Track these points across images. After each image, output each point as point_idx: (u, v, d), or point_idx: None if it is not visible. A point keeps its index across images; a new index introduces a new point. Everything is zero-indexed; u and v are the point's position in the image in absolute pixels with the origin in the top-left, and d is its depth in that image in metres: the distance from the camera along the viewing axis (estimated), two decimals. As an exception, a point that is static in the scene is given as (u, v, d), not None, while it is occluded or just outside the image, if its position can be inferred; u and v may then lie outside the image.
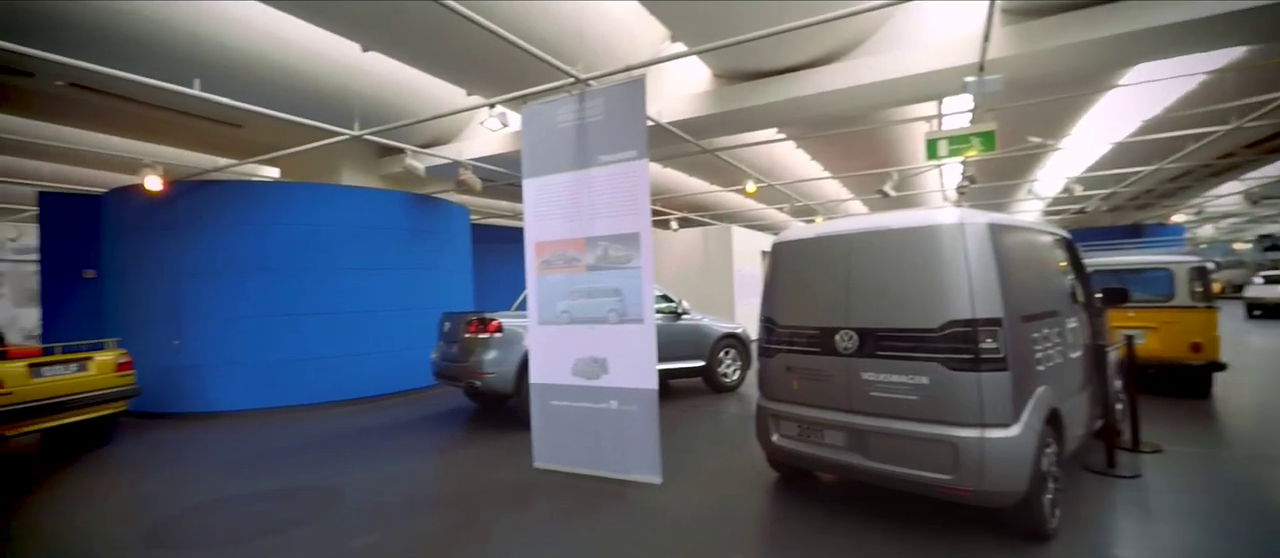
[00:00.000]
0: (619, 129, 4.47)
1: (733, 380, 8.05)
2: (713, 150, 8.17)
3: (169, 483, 5.02)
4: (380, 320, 8.47)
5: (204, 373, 7.61)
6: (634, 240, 4.40)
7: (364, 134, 6.27)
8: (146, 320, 7.61)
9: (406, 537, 3.65)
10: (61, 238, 8.35)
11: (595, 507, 4.04)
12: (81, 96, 6.30)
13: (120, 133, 7.89)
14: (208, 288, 7.61)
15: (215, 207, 7.71)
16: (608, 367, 4.54)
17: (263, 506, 4.33)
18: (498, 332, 6.29)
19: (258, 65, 5.75)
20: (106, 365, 6.10)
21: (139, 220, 7.75)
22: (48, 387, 5.58)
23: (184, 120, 7.25)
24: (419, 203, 9.15)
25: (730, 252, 14.58)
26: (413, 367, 8.49)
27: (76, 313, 8.25)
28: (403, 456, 5.59)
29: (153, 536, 3.79)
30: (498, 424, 6.59)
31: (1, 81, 5.97)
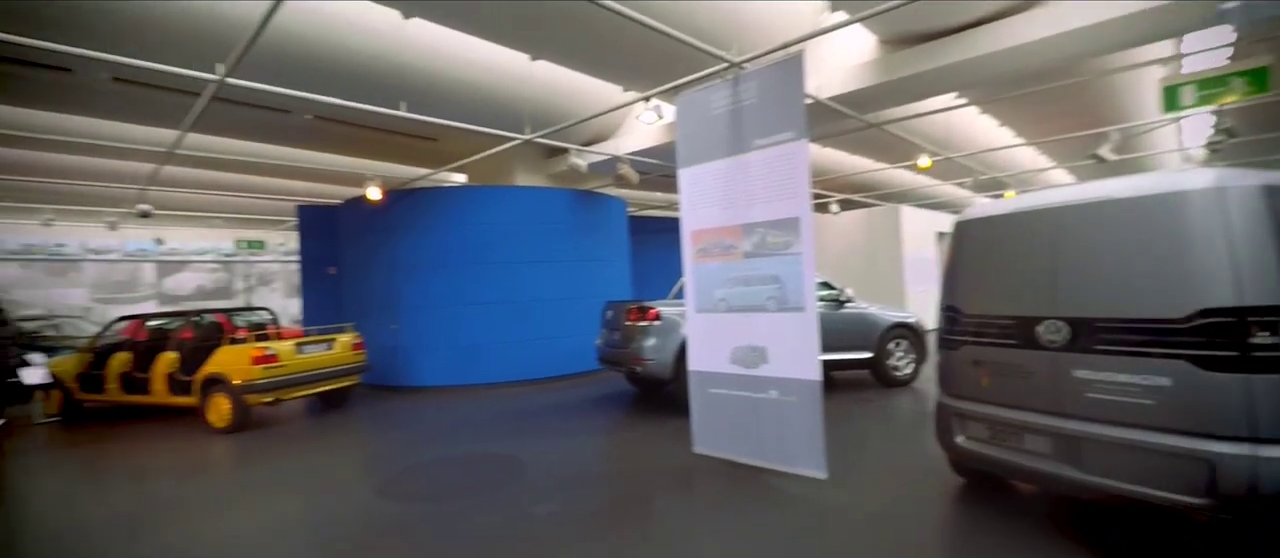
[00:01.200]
0: (775, 110, 4.31)
1: (905, 374, 7.40)
2: (879, 124, 7.54)
3: (391, 445, 5.99)
4: (550, 309, 9.20)
5: (413, 353, 8.92)
6: (793, 225, 4.23)
7: (534, 137, 6.83)
8: (371, 309, 9.12)
9: (580, 508, 3.94)
10: (313, 241, 10.35)
11: (756, 497, 3.99)
12: (325, 126, 7.71)
13: (351, 153, 9.53)
14: (414, 281, 8.90)
15: (417, 211, 8.97)
16: (767, 356, 4.44)
17: (461, 469, 4.96)
18: (656, 319, 6.48)
19: (447, 84, 6.54)
20: (346, 345, 7.44)
21: (364, 225, 9.31)
22: (308, 361, 6.96)
23: (394, 139, 8.53)
24: (581, 198, 9.74)
25: (899, 234, 13.39)
26: (578, 352, 9.11)
27: (324, 302, 10.18)
28: (572, 433, 6.03)
29: (382, 488, 4.54)
30: (658, 409, 6.80)
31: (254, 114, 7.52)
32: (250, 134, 8.37)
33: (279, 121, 7.58)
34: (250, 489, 4.80)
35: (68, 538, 3.91)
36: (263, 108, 6.72)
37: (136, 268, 15.62)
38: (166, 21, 4.71)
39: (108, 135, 7.63)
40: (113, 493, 4.88)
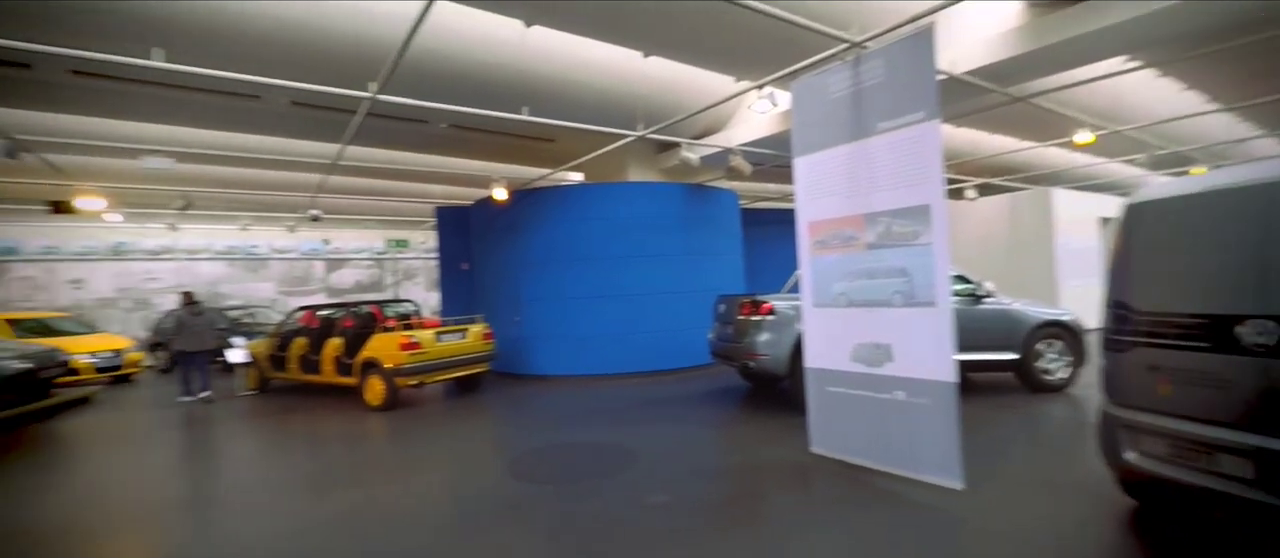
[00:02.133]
0: (902, 89, 4.00)
1: (1058, 378, 6.58)
2: (1026, 98, 6.73)
3: (517, 429, 6.41)
4: (662, 302, 9.30)
5: (534, 344, 9.47)
6: (923, 214, 3.91)
7: (646, 133, 6.94)
8: (498, 301, 9.80)
9: (693, 501, 3.96)
10: (449, 239, 11.33)
11: (879, 502, 3.76)
12: (458, 134, 8.40)
13: (480, 157, 10.29)
14: (534, 275, 9.43)
15: (537, 209, 9.48)
16: (892, 354, 4.16)
17: (579, 455, 5.19)
18: (770, 314, 6.32)
19: (565, 87, 6.83)
20: (477, 335, 8.08)
21: (491, 223, 10.02)
22: (445, 349, 7.64)
23: (516, 142, 9.08)
24: (693, 192, 9.73)
25: (1050, 221, 11.91)
26: (690, 346, 9.13)
27: (458, 295, 11.11)
28: (685, 425, 6.07)
29: (511, 467, 4.88)
30: (772, 405, 6.64)
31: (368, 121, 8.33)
32: (395, 144, 9.32)
33: (419, 131, 8.37)
34: (402, 461, 5.38)
35: (260, 492, 4.63)
36: (405, 119, 7.46)
37: (309, 265, 18.09)
38: (329, 49, 5.38)
39: (286, 151, 8.88)
40: (295, 457, 5.70)
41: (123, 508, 4.45)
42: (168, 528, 3.99)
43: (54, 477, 5.30)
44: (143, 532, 3.98)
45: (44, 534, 3.89)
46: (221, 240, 16.56)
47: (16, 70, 5.61)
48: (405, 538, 3.58)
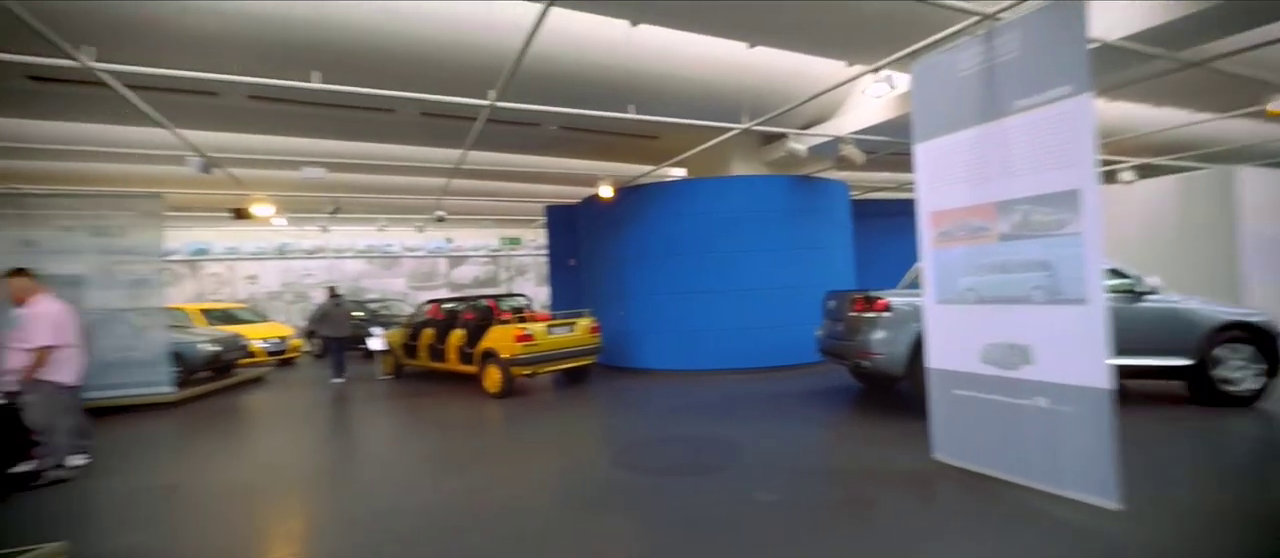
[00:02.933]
0: (1045, 61, 3.60)
1: (1245, 390, 5.61)
2: (1204, 62, 5.78)
3: (622, 420, 6.57)
4: (768, 298, 9.09)
5: (640, 338, 9.64)
6: (1069, 200, 3.49)
7: (752, 126, 6.80)
8: (604, 296, 10.09)
9: (805, 501, 3.84)
10: (557, 236, 11.84)
11: (1016, 518, 3.42)
12: (567, 135, 8.74)
13: (587, 157, 10.64)
14: (639, 270, 9.59)
15: (641, 205, 9.63)
16: (1031, 355, 3.77)
17: (685, 448, 5.22)
18: (885, 311, 5.97)
19: (670, 83, 6.87)
20: (585, 328, 8.38)
21: (597, 220, 10.32)
22: (556, 341, 8.01)
23: (621, 140, 9.28)
24: (799, 184, 9.40)
25: (1231, 205, 10.15)
26: (798, 343, 8.85)
27: (566, 290, 11.58)
28: (793, 424, 5.90)
29: (618, 457, 5.02)
30: (886, 406, 6.28)
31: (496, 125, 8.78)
32: (510, 147, 9.88)
33: (531, 134, 8.81)
34: (516, 446, 5.72)
35: (395, 466, 5.13)
36: (519, 124, 7.88)
37: (434, 262, 19.73)
38: (453, 61, 5.80)
39: (415, 158, 9.74)
40: (424, 437, 6.26)
41: (286, 472, 5.14)
42: (320, 492, 4.54)
43: (236, 443, 6.23)
44: (302, 493, 4.56)
45: (231, 490, 4.60)
46: (362, 240, 18.52)
47: (206, 98, 6.62)
48: (519, 519, 3.80)
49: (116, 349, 7.82)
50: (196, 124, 7.16)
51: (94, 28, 4.58)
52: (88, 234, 8.35)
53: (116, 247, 8.40)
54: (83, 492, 4.62)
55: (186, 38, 5.04)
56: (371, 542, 3.49)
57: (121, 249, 8.39)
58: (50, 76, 5.46)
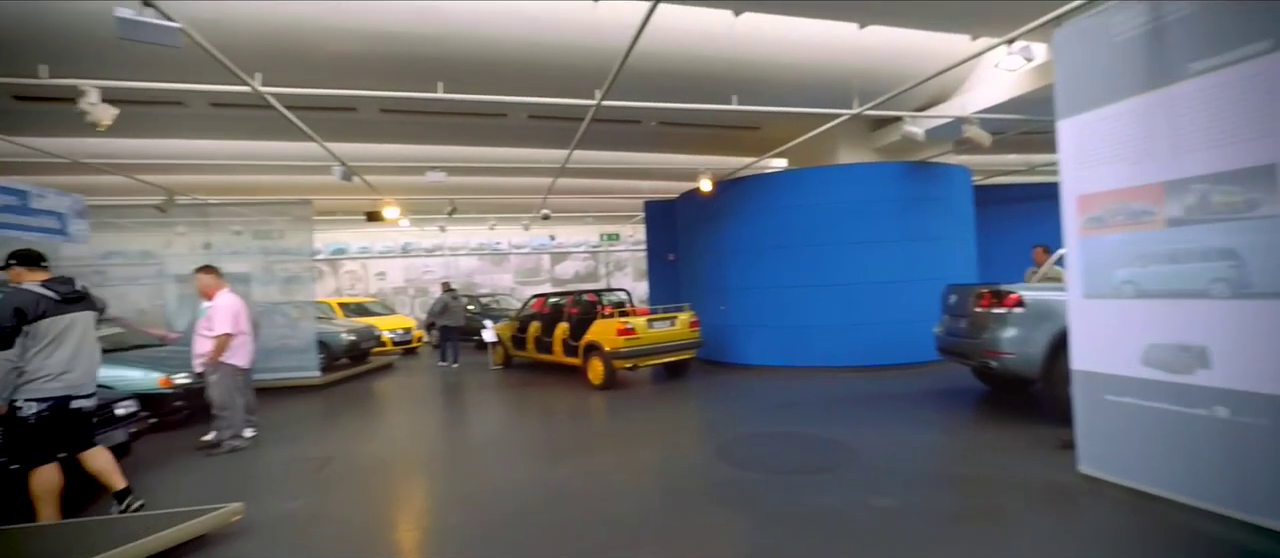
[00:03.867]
0: (1232, 14, 3.08)
1: None
2: None
3: (724, 415, 6.51)
4: (878, 292, 8.60)
5: (740, 333, 9.49)
6: (1265, 177, 2.97)
7: (862, 110, 6.45)
8: (703, 290, 10.04)
9: (926, 508, 3.60)
10: (656, 232, 11.94)
11: (1187, 544, 2.99)
12: (666, 130, 8.79)
13: (686, 151, 10.66)
14: (740, 264, 9.44)
15: (742, 198, 9.46)
16: (1208, 358, 3.26)
17: (791, 446, 5.07)
18: (1017, 306, 5.43)
19: (774, 71, 6.68)
20: (685, 323, 8.39)
21: (697, 214, 10.28)
22: (656, 335, 8.09)
23: (721, 133, 9.17)
24: (913, 171, 8.79)
25: None
26: (911, 340, 8.30)
27: (665, 285, 11.66)
28: (910, 426, 5.54)
29: (720, 451, 4.97)
30: (1014, 411, 5.73)
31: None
32: (610, 145, 10.10)
33: (631, 131, 8.95)
34: (619, 436, 5.85)
35: (505, 450, 5.42)
36: (621, 122, 8.03)
37: (539, 258, 20.68)
38: (561, 64, 6.02)
39: (523, 159, 10.23)
40: (532, 423, 6.57)
41: (414, 450, 5.62)
42: (443, 470, 4.91)
43: (373, 423, 6.90)
44: (428, 470, 4.96)
45: (371, 464, 5.10)
46: (475, 239, 19.80)
47: (346, 113, 7.36)
48: (625, 505, 3.88)
49: (275, 337, 8.93)
50: (338, 137, 7.98)
51: (260, 56, 5.24)
52: (252, 237, 9.62)
53: (274, 248, 9.61)
54: (252, 460, 5.32)
55: (331, 61, 5.63)
56: (488, 519, 3.73)
57: (278, 250, 9.59)
58: (227, 102, 6.33)
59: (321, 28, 5.13)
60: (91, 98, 4.50)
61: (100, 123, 4.58)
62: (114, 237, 9.20)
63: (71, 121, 5.51)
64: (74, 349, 3.57)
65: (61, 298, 3.57)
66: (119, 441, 4.51)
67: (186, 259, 9.52)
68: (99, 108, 4.55)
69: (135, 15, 3.23)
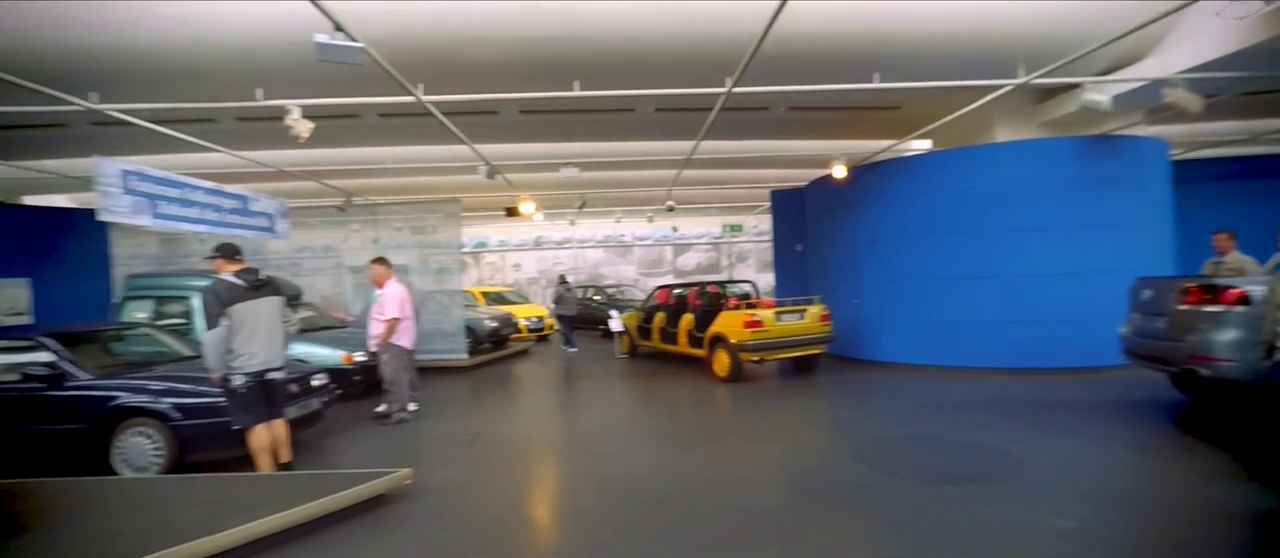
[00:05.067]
0: None
1: None
2: None
3: (859, 414, 6.14)
4: (1044, 285, 7.59)
5: (875, 328, 8.89)
6: None
7: (1032, 79, 5.69)
8: (834, 282, 9.53)
9: (1124, 540, 3.11)
10: (783, 221, 11.55)
11: None
12: (796, 115, 8.44)
13: (816, 136, 10.15)
14: (877, 254, 8.82)
15: (880, 184, 8.82)
16: None
17: (938, 452, 4.64)
18: (1239, 303, 4.51)
19: (921, 43, 6.10)
20: (815, 316, 8.02)
21: (828, 203, 9.77)
22: (785, 329, 7.82)
23: (856, 115, 8.61)
24: (1090, 147, 7.61)
25: None
26: (1086, 340, 7.24)
27: (792, 277, 11.25)
28: (1087, 440, 4.84)
29: (857, 452, 4.68)
30: (1222, 428, 4.75)
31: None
32: (736, 134, 9.89)
33: (759, 119, 8.69)
34: (747, 430, 5.75)
35: (635, 438, 5.54)
36: (748, 109, 7.83)
37: (661, 250, 20.96)
38: (693, 55, 5.98)
39: (649, 152, 10.36)
40: (659, 412, 6.66)
41: (550, 431, 5.96)
42: (576, 452, 5.14)
43: (514, 403, 7.43)
44: (563, 451, 5.23)
45: (514, 442, 5.49)
46: (601, 231, 20.53)
47: (490, 117, 7.92)
48: (756, 502, 3.79)
49: (429, 323, 9.90)
50: (483, 139, 8.62)
51: (419, 68, 5.80)
52: (410, 232, 10.78)
53: (428, 242, 10.69)
54: (414, 432, 5.96)
55: (479, 69, 6.08)
56: (620, 503, 3.83)
57: (431, 244, 10.66)
58: (393, 112, 7.10)
59: (472, 37, 5.56)
60: (295, 114, 5.29)
61: (301, 135, 5.36)
62: (304, 234, 10.74)
63: (277, 136, 6.52)
64: (263, 330, 4.18)
65: (249, 285, 4.19)
66: (315, 408, 5.26)
67: (359, 253, 10.91)
68: (300, 123, 5.33)
69: (329, 39, 3.73)
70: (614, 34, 5.59)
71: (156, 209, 5.68)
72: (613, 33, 5.57)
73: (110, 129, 6.93)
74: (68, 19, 4.93)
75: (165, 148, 7.71)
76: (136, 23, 5.07)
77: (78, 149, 8.26)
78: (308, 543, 3.32)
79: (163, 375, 4.74)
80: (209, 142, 7.27)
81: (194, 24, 5.08)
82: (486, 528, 3.61)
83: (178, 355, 5.45)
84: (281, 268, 10.07)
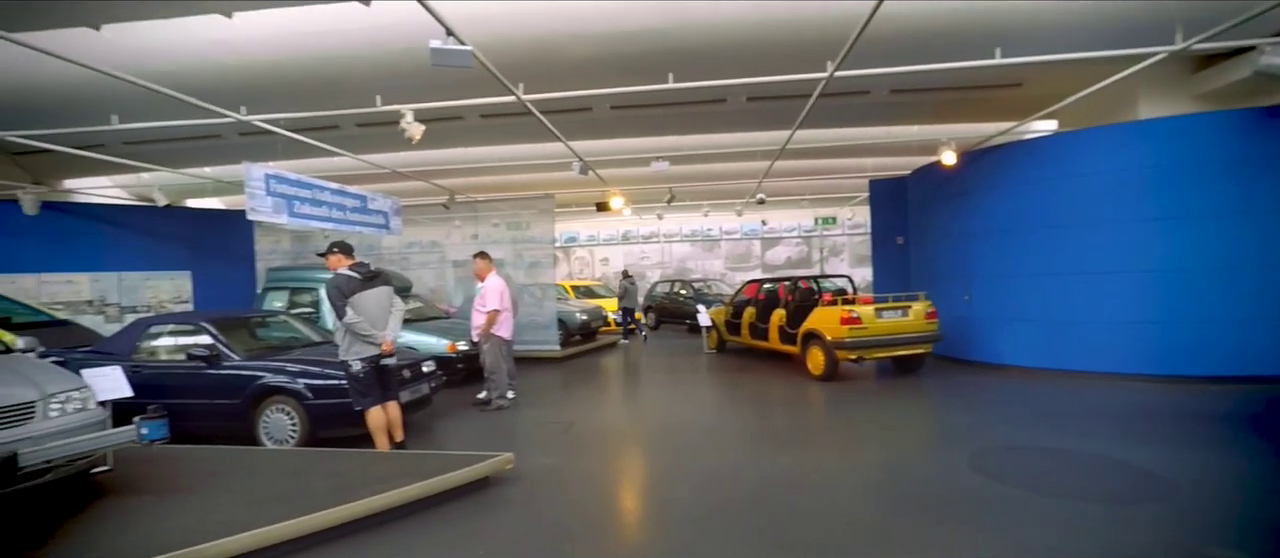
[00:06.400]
0: None
1: None
2: None
3: (969, 419, 5.68)
4: (1193, 281, 6.65)
5: (988, 327, 8.19)
6: None
7: (1192, 45, 4.96)
8: (940, 277, 8.89)
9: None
10: (882, 213, 10.93)
11: None
12: (899, 99, 7.90)
13: (921, 121, 9.47)
14: (993, 247, 8.12)
15: (995, 170, 8.10)
16: None
17: (1069, 465, 4.19)
18: None
19: (1053, 12, 5.51)
20: (920, 314, 7.52)
21: (934, 192, 9.13)
22: (886, 326, 7.40)
23: (968, 96, 7.92)
24: (1260, 121, 6.54)
25: None
26: (1245, 345, 6.31)
27: (892, 271, 10.62)
28: (1259, 458, 4.18)
29: (974, 461, 4.33)
30: None
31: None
32: (833, 121, 9.45)
33: (858, 105, 8.23)
34: (844, 432, 5.49)
35: (723, 434, 5.44)
36: (847, 95, 7.43)
37: (749, 244, 20.55)
38: (791, 39, 5.76)
39: (740, 144, 10.14)
40: (748, 409, 6.52)
41: (640, 423, 5.99)
42: (665, 445, 5.12)
43: (605, 394, 7.56)
44: (653, 443, 5.24)
45: (605, 432, 5.58)
46: (688, 225, 20.45)
47: (583, 113, 8.08)
48: (850, 506, 3.60)
49: (524, 315, 10.31)
50: (576, 135, 8.83)
51: (518, 68, 6.01)
52: (506, 228, 11.27)
53: (522, 237, 11.13)
54: (513, 418, 6.22)
55: (574, 66, 6.20)
56: (715, 498, 3.78)
57: (525, 239, 11.09)
58: (493, 113, 7.43)
59: (570, 35, 5.68)
60: (408, 118, 5.66)
61: (414, 137, 5.73)
62: (413, 230, 11.53)
63: (391, 139, 7.02)
64: (376, 319, 4.53)
65: (363, 278, 4.57)
66: (424, 392, 5.63)
67: (460, 248, 11.58)
68: (413, 125, 5.70)
69: (442, 44, 3.95)
70: (710, 23, 5.50)
71: (293, 209, 6.29)
72: (709, 21, 5.48)
73: (253, 139, 7.77)
74: (222, 42, 5.56)
75: (297, 153, 8.55)
76: (277, 41, 5.64)
77: (228, 157, 9.35)
78: (421, 519, 3.55)
79: (298, 359, 5.26)
80: (334, 146, 7.97)
81: (324, 37, 5.57)
82: (585, 515, 3.69)
83: (309, 341, 6.03)
84: (392, 263, 10.89)
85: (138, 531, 3.14)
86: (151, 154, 8.90)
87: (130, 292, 10.13)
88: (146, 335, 5.55)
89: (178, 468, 4.13)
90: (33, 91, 6.10)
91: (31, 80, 5.86)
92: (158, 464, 4.12)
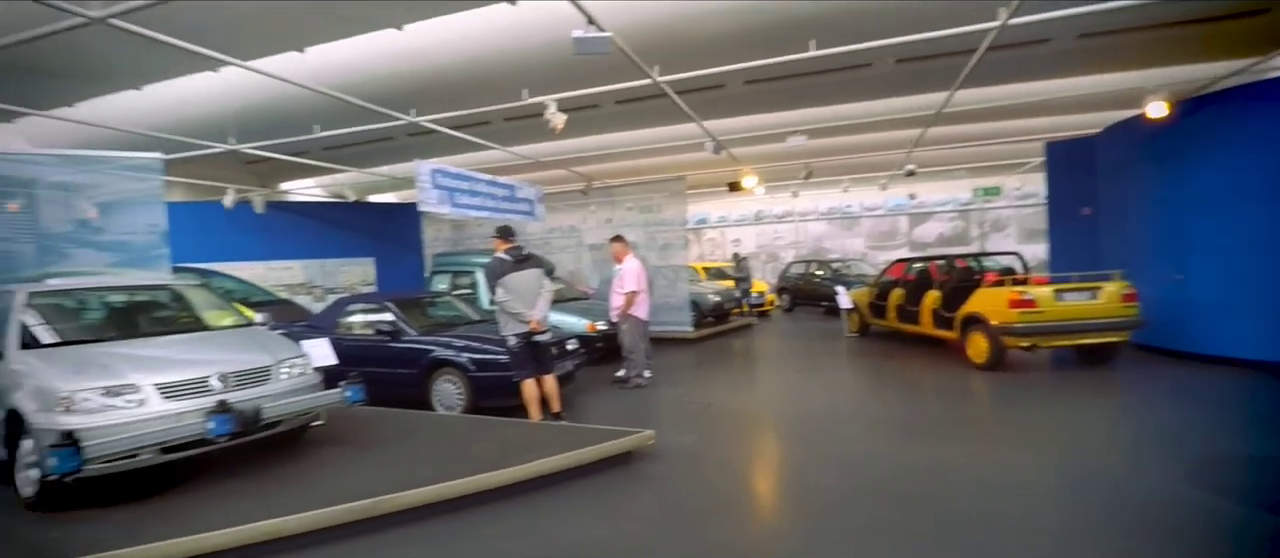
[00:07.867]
0: None
1: None
2: None
3: (1181, 422, 4.78)
4: None
5: (1206, 312, 6.78)
6: None
7: None
8: (1143, 253, 7.50)
9: None
10: (1062, 180, 9.48)
11: None
12: (1086, 43, 6.74)
13: (1114, 68, 8.00)
14: (1216, 217, 6.68)
15: (1225, 121, 6.63)
16: None
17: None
18: None
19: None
20: (1113, 296, 6.44)
21: (1135, 153, 7.70)
22: (1068, 310, 6.44)
23: (1187, 32, 6.51)
24: None
25: None
26: None
27: (1074, 246, 9.18)
28: None
29: (1194, 473, 3.62)
30: None
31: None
32: (1000, 78, 8.32)
33: (1034, 55, 7.14)
34: (1013, 428, 4.86)
35: (870, 421, 5.08)
36: (1023, 45, 6.48)
37: (894, 221, 18.98)
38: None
39: (887, 111, 9.32)
40: (898, 399, 6.05)
41: (776, 406, 5.83)
42: (803, 429, 4.93)
43: (739, 376, 7.47)
44: (790, 427, 5.06)
45: (741, 414, 5.51)
46: (825, 203, 19.40)
47: (716, 91, 7.93)
48: (1032, 515, 3.16)
49: (658, 296, 10.48)
50: (708, 114, 8.71)
51: (651, 50, 6.03)
52: (639, 211, 11.49)
53: (654, 220, 11.29)
54: (650, 397, 6.37)
55: (705, 44, 6.09)
56: (861, 489, 3.55)
57: (657, 222, 11.23)
58: (627, 97, 7.57)
59: (704, 10, 5.59)
60: (552, 108, 5.97)
61: (557, 127, 6.04)
62: (553, 216, 12.21)
63: (535, 131, 7.45)
64: (526, 298, 4.85)
65: (515, 260, 4.92)
66: (568, 369, 5.97)
67: (595, 231, 12.04)
68: (556, 116, 6.01)
69: (584, 33, 4.09)
70: None
71: (454, 200, 6.96)
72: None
73: (419, 138, 8.69)
74: (394, 53, 6.26)
75: (454, 149, 9.42)
76: (436, 47, 6.21)
77: (399, 156, 10.57)
78: (567, 489, 3.77)
79: (462, 335, 5.83)
80: (486, 140, 8.67)
81: (476, 39, 6.03)
82: (725, 494, 3.68)
83: (469, 319, 6.65)
84: (536, 247, 11.65)
85: (351, 476, 3.72)
86: (342, 156, 10.35)
87: (330, 275, 11.92)
88: (345, 312, 6.48)
89: (371, 427, 4.80)
90: (256, 109, 7.34)
91: (256, 100, 7.05)
92: (357, 423, 4.82)
